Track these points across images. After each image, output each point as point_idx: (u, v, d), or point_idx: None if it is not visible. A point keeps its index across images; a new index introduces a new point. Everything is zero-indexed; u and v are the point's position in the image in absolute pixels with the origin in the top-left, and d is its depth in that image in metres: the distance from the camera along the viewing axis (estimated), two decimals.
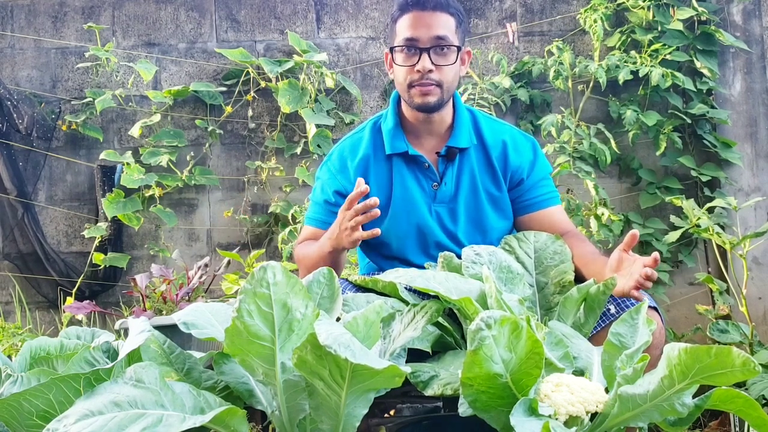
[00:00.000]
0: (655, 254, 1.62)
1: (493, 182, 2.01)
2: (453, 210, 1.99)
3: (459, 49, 1.93)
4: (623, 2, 3.43)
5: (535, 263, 1.84)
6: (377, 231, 1.76)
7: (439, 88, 1.92)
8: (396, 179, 1.99)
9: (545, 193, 2.03)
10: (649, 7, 3.41)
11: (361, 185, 1.72)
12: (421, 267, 1.91)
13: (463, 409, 1.31)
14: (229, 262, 2.48)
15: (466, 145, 1.99)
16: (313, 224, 2.04)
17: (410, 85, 1.92)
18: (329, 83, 3.41)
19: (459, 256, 1.76)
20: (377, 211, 1.73)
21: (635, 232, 1.68)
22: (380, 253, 2.04)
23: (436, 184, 1.99)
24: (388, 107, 2.05)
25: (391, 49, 1.95)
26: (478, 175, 2.00)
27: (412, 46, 1.90)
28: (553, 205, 2.03)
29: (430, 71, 1.89)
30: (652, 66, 3.29)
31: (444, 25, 1.91)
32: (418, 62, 1.89)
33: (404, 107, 2.02)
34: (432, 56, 1.89)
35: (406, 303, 1.60)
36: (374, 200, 1.72)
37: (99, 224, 3.38)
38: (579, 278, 1.79)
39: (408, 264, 1.98)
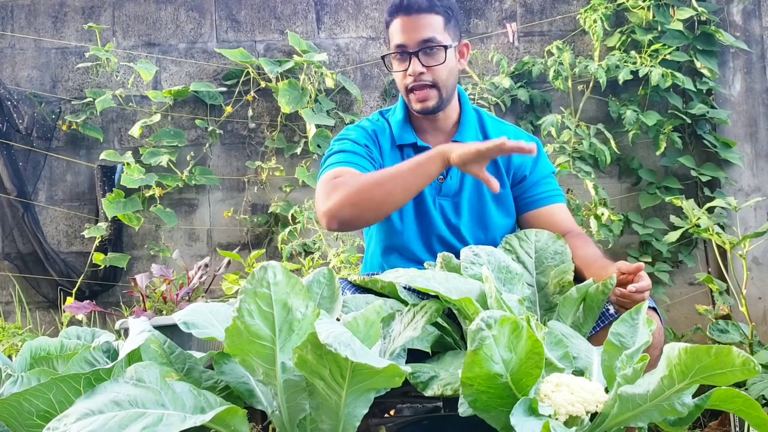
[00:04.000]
0: (640, 264, 1.66)
1: (497, 179, 2.01)
2: (457, 204, 2.00)
3: (447, 47, 1.94)
4: (623, 2, 3.43)
5: (535, 263, 1.84)
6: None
7: (435, 88, 1.94)
8: None
9: (548, 190, 2.05)
10: (649, 7, 3.41)
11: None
12: (422, 261, 1.93)
13: (463, 409, 1.31)
14: (229, 262, 2.48)
15: (471, 140, 2.00)
16: (346, 165, 1.91)
17: (408, 90, 1.96)
18: (329, 83, 3.41)
19: (459, 254, 1.76)
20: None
21: (641, 265, 1.67)
22: (384, 241, 2.04)
23: (441, 177, 2.00)
24: (398, 102, 2.07)
25: (383, 58, 1.99)
26: None
27: (402, 52, 1.93)
28: (556, 203, 2.04)
29: (421, 74, 1.92)
30: (652, 66, 3.29)
31: (429, 26, 1.92)
32: (409, 67, 1.92)
33: None
34: (421, 58, 1.92)
35: (406, 304, 1.60)
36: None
37: (99, 224, 3.38)
38: (581, 279, 1.79)
39: (409, 256, 1.99)
